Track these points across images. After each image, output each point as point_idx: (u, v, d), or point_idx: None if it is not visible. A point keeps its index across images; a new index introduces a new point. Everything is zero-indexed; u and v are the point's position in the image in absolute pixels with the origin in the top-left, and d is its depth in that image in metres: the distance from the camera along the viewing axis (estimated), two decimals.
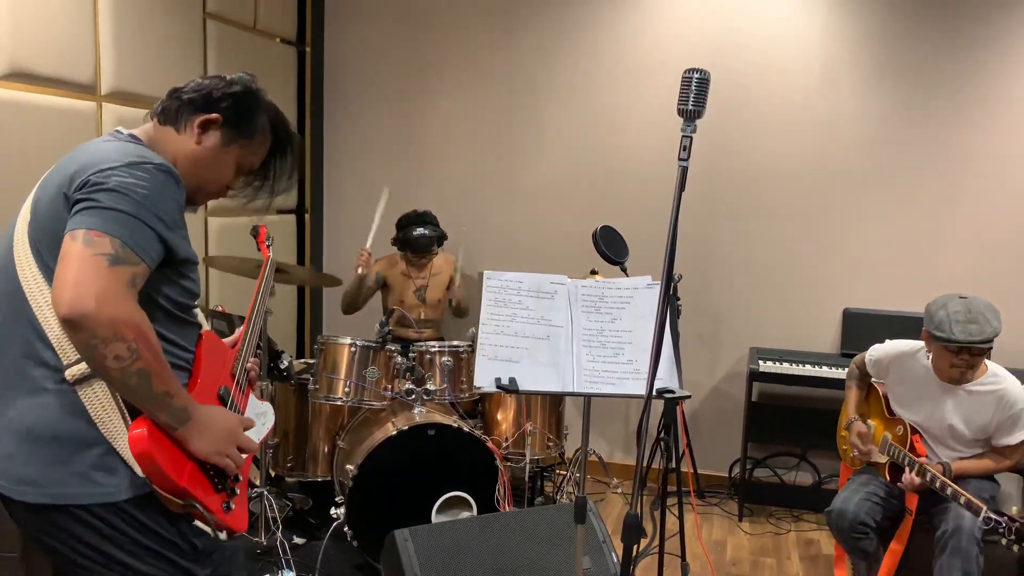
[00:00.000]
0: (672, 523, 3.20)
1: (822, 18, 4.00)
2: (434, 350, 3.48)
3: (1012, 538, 2.40)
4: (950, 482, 2.63)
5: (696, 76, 1.71)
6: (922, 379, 2.88)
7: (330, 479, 3.51)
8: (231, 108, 1.63)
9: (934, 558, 2.68)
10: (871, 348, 3.09)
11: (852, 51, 3.98)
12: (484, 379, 2.03)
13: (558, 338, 2.11)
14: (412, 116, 4.59)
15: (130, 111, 3.30)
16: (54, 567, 1.61)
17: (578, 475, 3.34)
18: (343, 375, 3.32)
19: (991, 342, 2.64)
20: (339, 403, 3.38)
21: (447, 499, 3.07)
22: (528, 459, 3.51)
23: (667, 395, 2.03)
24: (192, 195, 1.61)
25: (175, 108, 1.63)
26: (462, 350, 3.51)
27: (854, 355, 3.24)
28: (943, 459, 2.84)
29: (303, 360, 4.09)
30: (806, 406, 4.13)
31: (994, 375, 2.80)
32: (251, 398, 1.80)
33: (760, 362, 3.89)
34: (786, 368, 3.84)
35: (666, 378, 2.04)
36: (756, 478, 4.18)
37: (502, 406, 3.63)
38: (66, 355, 1.43)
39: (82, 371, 1.42)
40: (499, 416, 3.64)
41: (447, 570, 2.53)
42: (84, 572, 1.48)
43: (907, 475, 2.77)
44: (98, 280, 1.33)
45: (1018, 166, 3.86)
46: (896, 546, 2.85)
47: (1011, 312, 3.64)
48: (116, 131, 1.62)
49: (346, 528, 3.03)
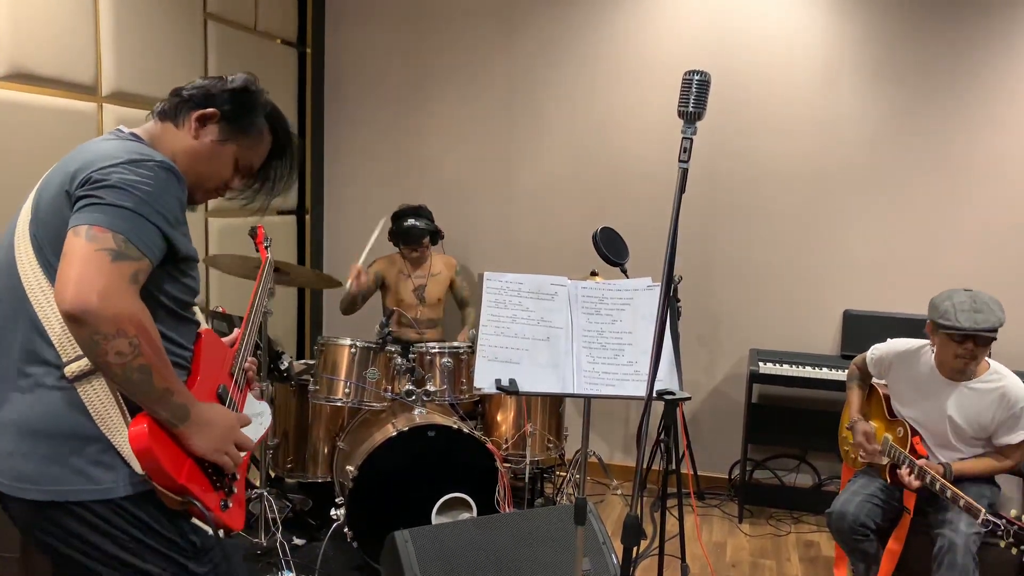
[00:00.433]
0: (672, 525, 3.20)
1: (823, 19, 4.00)
2: (434, 351, 3.48)
3: (1011, 540, 2.40)
4: (950, 485, 2.63)
5: (696, 78, 1.71)
6: (924, 377, 2.88)
7: (330, 480, 3.51)
8: (228, 104, 1.64)
9: (932, 574, 2.68)
10: (872, 347, 3.09)
11: (852, 52, 3.98)
12: (484, 380, 2.03)
13: (558, 339, 2.11)
14: (413, 117, 4.59)
15: (131, 112, 3.30)
16: (53, 566, 1.61)
17: (578, 476, 3.35)
18: (343, 376, 3.32)
19: (996, 331, 2.65)
20: (339, 404, 3.38)
21: (447, 500, 3.07)
22: (528, 460, 3.51)
23: (667, 397, 2.02)
24: (191, 191, 1.61)
25: (174, 105, 1.64)
26: (462, 351, 3.51)
27: (854, 357, 3.24)
28: (943, 460, 2.84)
29: (303, 361, 4.09)
30: (806, 408, 4.13)
31: (996, 372, 2.81)
32: (249, 397, 1.80)
33: (760, 364, 3.89)
34: (786, 370, 3.84)
35: (666, 380, 2.04)
36: (756, 480, 4.18)
37: (502, 407, 3.63)
38: (66, 352, 1.43)
39: (82, 368, 1.43)
40: (499, 417, 3.64)
41: (447, 571, 2.52)
42: (83, 569, 1.48)
43: (903, 471, 2.77)
44: (101, 276, 1.33)
45: (1019, 166, 3.86)
46: (894, 546, 2.85)
47: (1013, 313, 3.64)
48: (117, 130, 1.62)
49: (346, 529, 3.03)
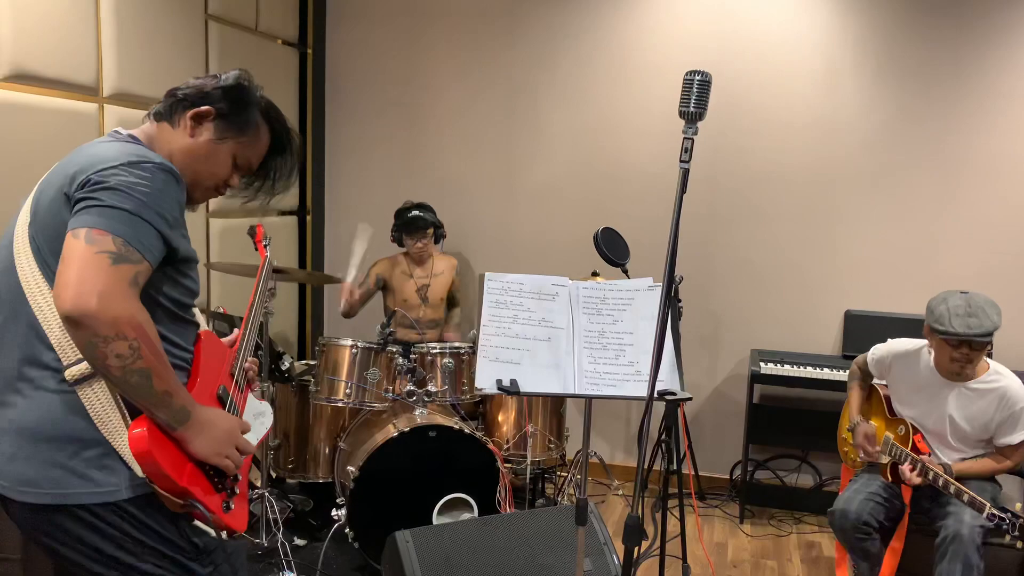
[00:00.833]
0: (673, 525, 3.20)
1: (823, 20, 4.00)
2: (435, 351, 3.48)
3: (1016, 534, 2.41)
4: (953, 480, 2.64)
5: (697, 78, 1.71)
6: (924, 377, 2.88)
7: (331, 480, 3.51)
8: (223, 101, 1.64)
9: (934, 564, 2.68)
10: (873, 347, 3.09)
11: (853, 53, 3.98)
12: (485, 381, 2.03)
13: (559, 340, 2.10)
14: (413, 117, 4.59)
15: (132, 112, 3.30)
16: (54, 568, 1.61)
17: (579, 477, 3.34)
18: (344, 377, 3.32)
19: (990, 336, 2.66)
20: (340, 405, 3.38)
21: (448, 501, 3.07)
22: (529, 461, 3.51)
23: (668, 397, 2.02)
24: (189, 191, 1.60)
25: (170, 106, 1.64)
26: (463, 351, 3.51)
27: (855, 357, 3.24)
28: (944, 459, 2.84)
29: (304, 362, 4.09)
30: (807, 408, 4.13)
31: (996, 372, 2.81)
32: (250, 398, 1.80)
33: (761, 364, 3.89)
34: (787, 370, 3.84)
35: (667, 380, 2.04)
36: (757, 480, 4.18)
37: (503, 408, 3.63)
38: (66, 355, 1.43)
39: (82, 371, 1.42)
40: (500, 418, 3.63)
41: (448, 572, 2.52)
42: (84, 572, 1.48)
43: (905, 468, 2.77)
44: (100, 278, 1.33)
45: (1020, 166, 3.86)
46: (897, 544, 2.85)
47: (1013, 313, 3.65)
48: (115, 131, 1.62)
49: (347, 529, 3.03)
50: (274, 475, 3.63)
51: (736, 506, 4.07)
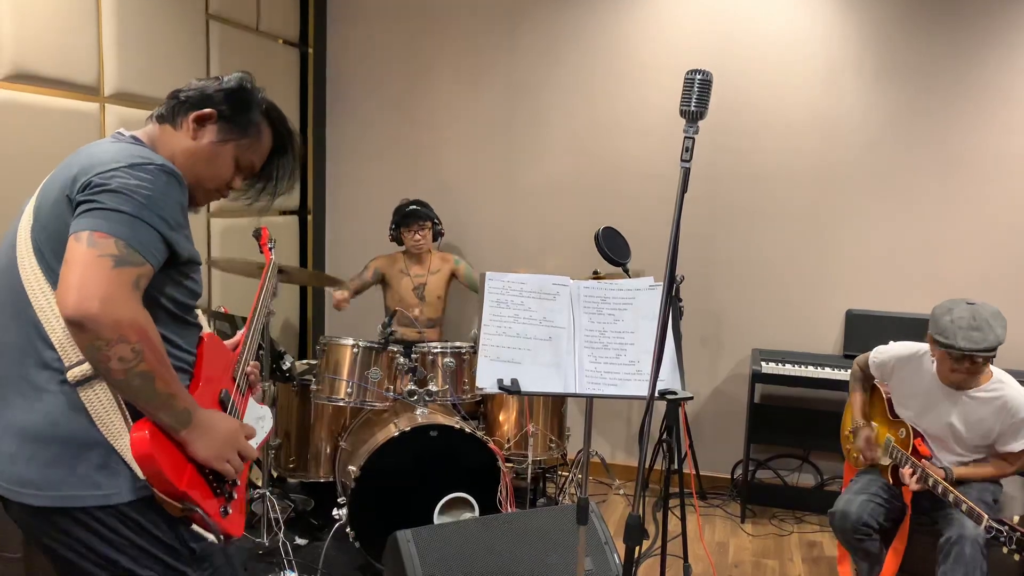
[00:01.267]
0: (674, 524, 3.20)
1: (825, 19, 3.99)
2: (436, 351, 3.48)
3: (1013, 547, 2.39)
4: (952, 489, 2.62)
5: (698, 77, 1.71)
6: (926, 382, 2.87)
7: (332, 480, 3.52)
8: (225, 103, 1.64)
9: (937, 564, 2.67)
10: (875, 350, 3.07)
11: (855, 52, 3.98)
12: (486, 380, 2.03)
13: (560, 339, 2.10)
14: (414, 116, 4.59)
15: (133, 112, 3.30)
16: (54, 568, 1.61)
17: (580, 476, 3.34)
18: (345, 376, 3.32)
19: (994, 351, 2.63)
20: (341, 404, 3.38)
21: (449, 500, 3.07)
22: (530, 460, 3.51)
23: (669, 396, 2.02)
24: (191, 193, 1.60)
25: (172, 108, 1.64)
26: (464, 351, 3.51)
27: (857, 356, 3.22)
28: (945, 463, 2.83)
29: (305, 361, 4.09)
30: (809, 407, 4.13)
31: (998, 381, 2.79)
32: (251, 402, 1.80)
33: (762, 363, 3.89)
34: (788, 369, 3.84)
35: (668, 379, 2.03)
36: (758, 479, 4.18)
37: (504, 407, 3.63)
38: (68, 356, 1.43)
39: (84, 372, 1.42)
40: (501, 417, 3.63)
41: (449, 571, 2.52)
42: (83, 573, 1.48)
43: (905, 472, 2.77)
44: (103, 281, 1.33)
45: (1021, 165, 3.85)
46: (899, 544, 2.84)
47: (1016, 313, 3.64)
48: (118, 133, 1.62)
49: (348, 529, 3.03)
50: (275, 474, 3.63)
51: (737, 505, 4.07)
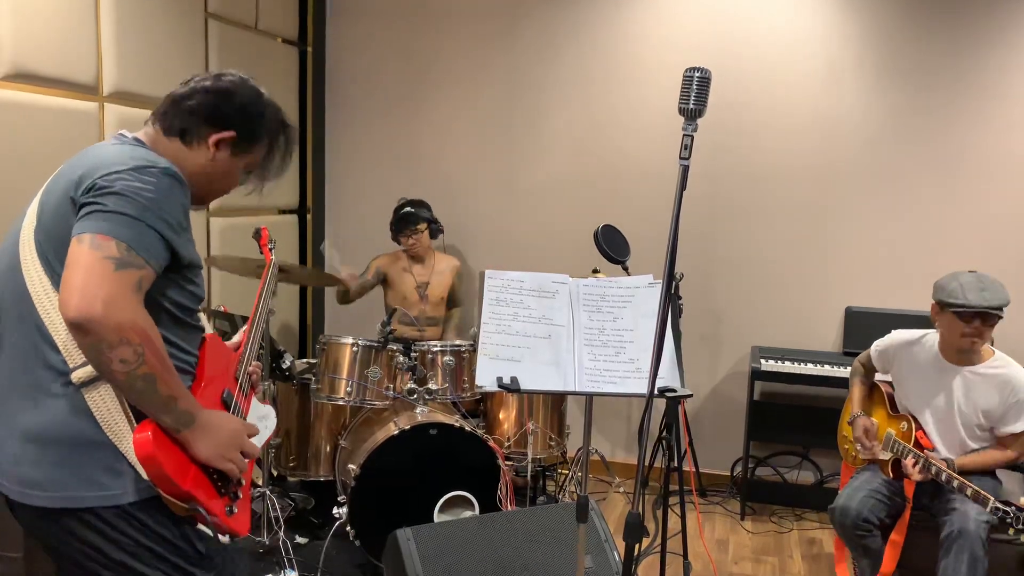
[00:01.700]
0: (674, 522, 3.20)
1: (825, 17, 3.99)
2: (436, 349, 3.48)
3: (1020, 527, 2.42)
4: (956, 475, 2.64)
5: (697, 75, 1.71)
6: (929, 365, 2.90)
7: (332, 479, 3.52)
8: (244, 125, 1.63)
9: (939, 559, 2.68)
10: (876, 342, 3.10)
11: (855, 50, 3.98)
12: (486, 378, 2.03)
13: (559, 337, 2.11)
14: (413, 115, 4.59)
15: (132, 111, 3.30)
16: (57, 568, 1.62)
17: (580, 474, 3.35)
18: (345, 375, 3.32)
19: (1003, 309, 2.67)
20: (341, 403, 3.38)
21: (449, 498, 3.07)
22: (530, 458, 3.51)
23: (669, 394, 2.02)
24: (202, 199, 1.65)
25: (179, 119, 1.60)
26: (464, 349, 3.51)
27: (856, 354, 3.24)
28: (947, 455, 2.84)
29: (305, 360, 4.10)
30: (808, 405, 4.13)
31: (1000, 359, 2.83)
32: (253, 401, 1.80)
33: (762, 361, 3.89)
34: (788, 367, 3.84)
35: (668, 377, 2.04)
36: (758, 477, 4.18)
37: (504, 405, 3.63)
38: (72, 358, 1.43)
39: (88, 374, 1.43)
40: (501, 415, 3.64)
41: (449, 569, 2.53)
42: (88, 574, 1.48)
43: (908, 461, 2.78)
44: (105, 284, 1.33)
45: (1020, 164, 3.86)
46: (897, 537, 2.85)
47: (1016, 309, 3.64)
48: (120, 134, 1.62)
49: (348, 527, 3.03)
50: (275, 473, 3.63)
51: (737, 503, 4.07)
